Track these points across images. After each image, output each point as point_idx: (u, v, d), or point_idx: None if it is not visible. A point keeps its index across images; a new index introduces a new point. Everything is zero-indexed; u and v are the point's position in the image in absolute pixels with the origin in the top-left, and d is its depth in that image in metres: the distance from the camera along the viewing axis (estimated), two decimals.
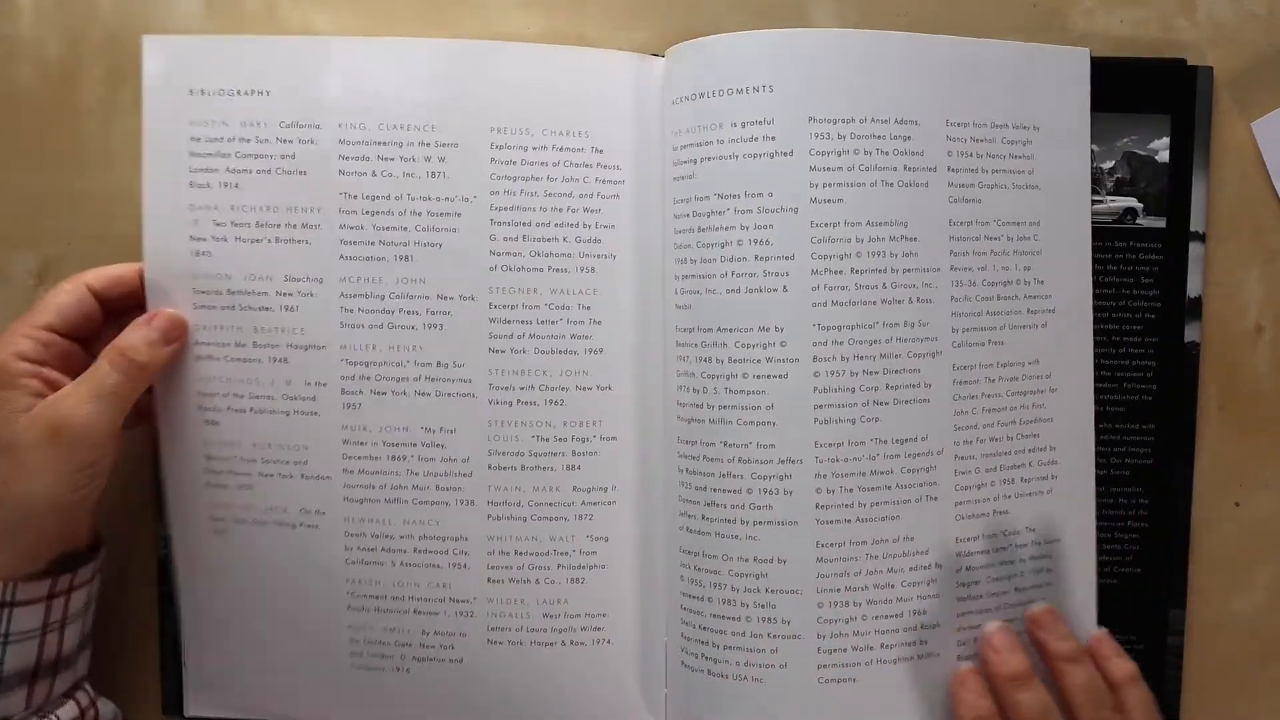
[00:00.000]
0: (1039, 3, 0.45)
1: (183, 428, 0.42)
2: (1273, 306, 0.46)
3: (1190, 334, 0.45)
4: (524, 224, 0.42)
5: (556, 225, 0.42)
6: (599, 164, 0.42)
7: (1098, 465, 0.44)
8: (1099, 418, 0.44)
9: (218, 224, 0.42)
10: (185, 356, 0.42)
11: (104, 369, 0.39)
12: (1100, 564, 0.45)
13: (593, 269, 0.42)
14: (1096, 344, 0.44)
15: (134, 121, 0.43)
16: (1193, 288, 0.45)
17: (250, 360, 0.42)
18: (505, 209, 0.42)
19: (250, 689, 0.44)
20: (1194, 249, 0.45)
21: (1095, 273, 0.44)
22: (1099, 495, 0.44)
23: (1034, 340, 0.43)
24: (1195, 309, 0.45)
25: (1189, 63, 0.45)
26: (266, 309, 0.42)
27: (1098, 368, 0.44)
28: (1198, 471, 0.46)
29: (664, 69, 0.43)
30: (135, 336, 0.40)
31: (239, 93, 0.41)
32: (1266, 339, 0.46)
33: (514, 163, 0.42)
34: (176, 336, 0.41)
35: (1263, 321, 0.46)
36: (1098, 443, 0.44)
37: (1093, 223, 0.44)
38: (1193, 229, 0.45)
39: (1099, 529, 0.44)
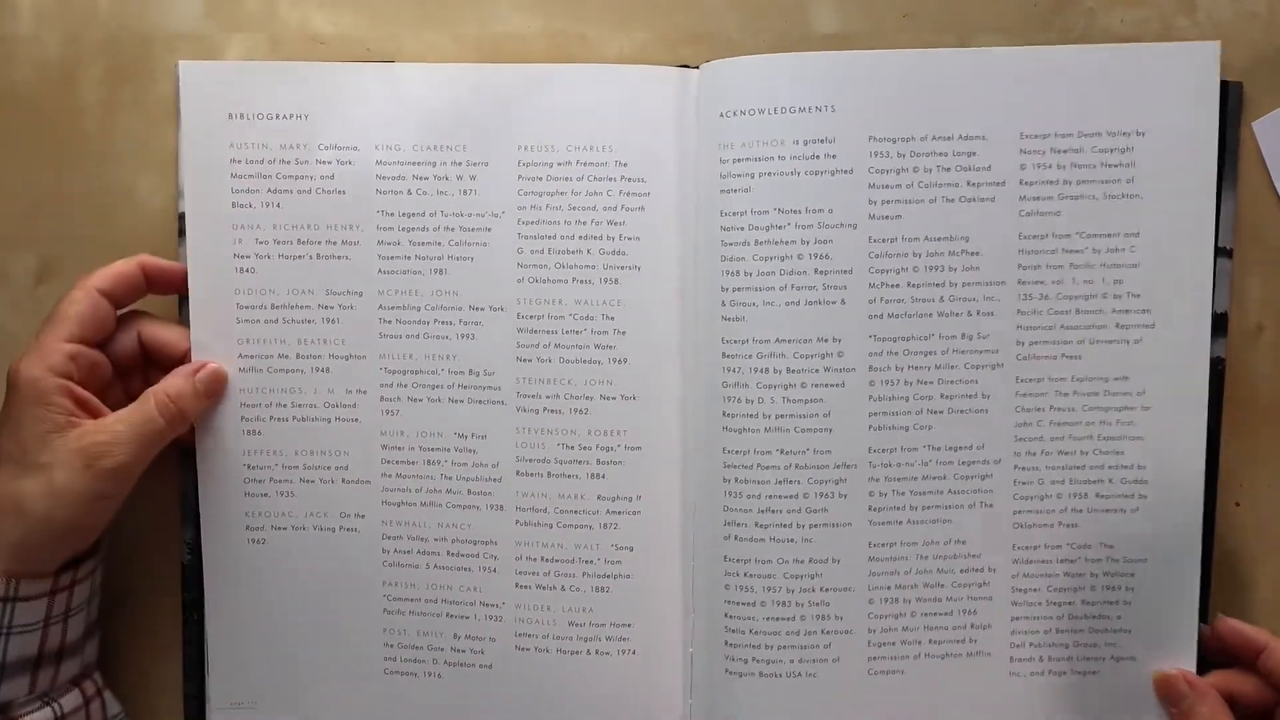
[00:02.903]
0: (1039, 2, 0.45)
1: (224, 438, 0.44)
2: (1273, 306, 0.45)
3: (1216, 350, 0.44)
4: (549, 237, 0.43)
5: (581, 238, 0.43)
6: (623, 176, 0.43)
7: None
8: None
9: (260, 241, 0.44)
10: (228, 370, 0.44)
11: (151, 412, 0.41)
12: None
13: (617, 280, 0.43)
14: None
15: (134, 121, 0.45)
16: (1219, 303, 0.44)
17: (293, 371, 0.44)
18: (532, 223, 0.43)
19: (277, 703, 0.45)
20: (1220, 264, 0.44)
21: None
22: None
23: (1122, 355, 0.43)
24: (1221, 324, 0.44)
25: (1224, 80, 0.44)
26: (309, 321, 0.44)
27: None
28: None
29: (701, 82, 0.43)
30: (183, 386, 0.42)
31: (278, 116, 0.43)
32: (1266, 339, 0.45)
33: (540, 178, 0.43)
34: (218, 390, 0.43)
35: (1263, 321, 0.45)
36: None
37: None
38: (1220, 244, 0.44)
39: None
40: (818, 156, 0.42)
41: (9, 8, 0.46)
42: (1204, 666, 0.44)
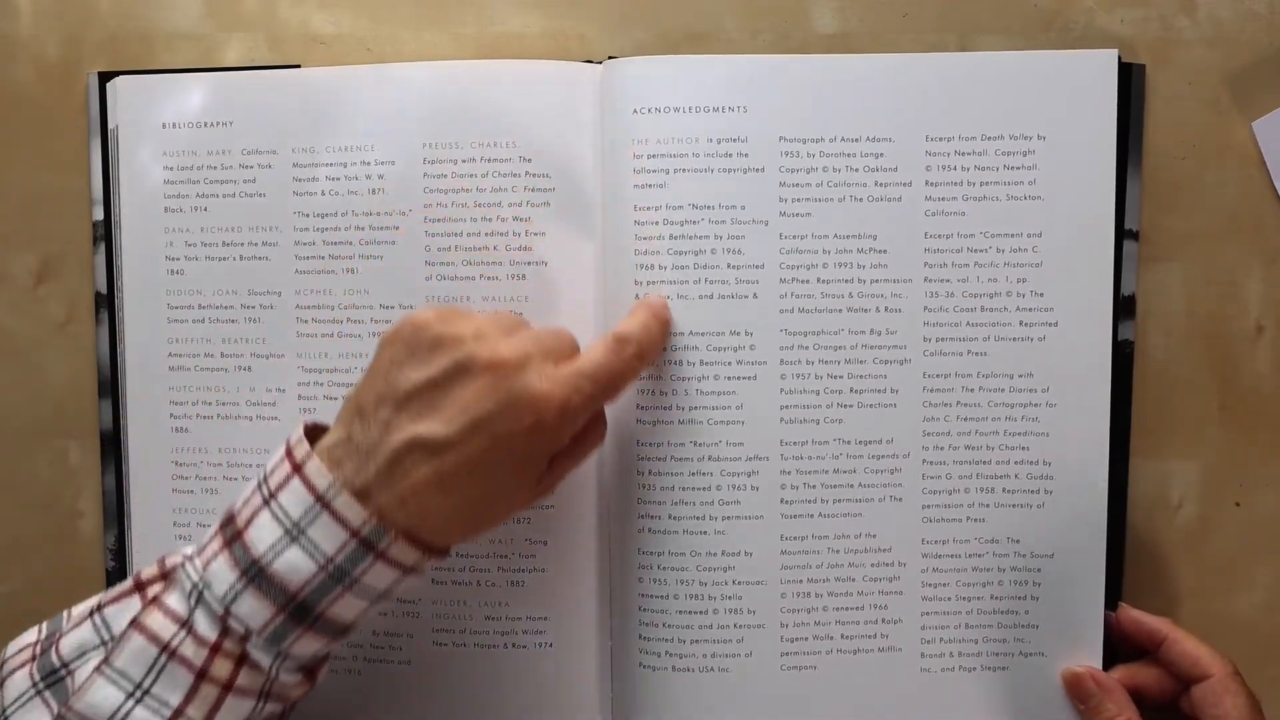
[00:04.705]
0: (1039, 3, 0.45)
1: (154, 435, 0.45)
2: (1273, 306, 0.45)
3: (1124, 332, 0.44)
4: (455, 234, 0.43)
5: (486, 234, 0.43)
6: (528, 172, 0.43)
7: None
8: None
9: (189, 244, 0.45)
10: (159, 369, 0.45)
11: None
12: None
13: (524, 276, 0.43)
14: None
15: None
16: (1126, 286, 0.44)
17: (218, 370, 0.45)
18: (438, 220, 0.44)
19: None
20: (1127, 247, 0.44)
21: None
22: None
23: (1027, 353, 0.43)
24: (1130, 307, 0.44)
25: (1123, 60, 0.43)
26: (233, 321, 0.45)
27: None
28: (1199, 471, 0.45)
29: (605, 79, 0.43)
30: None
31: (205, 124, 0.45)
32: (1266, 339, 0.45)
33: (445, 175, 0.43)
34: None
35: (1263, 321, 0.45)
36: None
37: None
38: (1127, 227, 0.44)
39: None
40: (730, 155, 0.43)
41: (9, 8, 0.46)
42: (1116, 658, 0.43)
